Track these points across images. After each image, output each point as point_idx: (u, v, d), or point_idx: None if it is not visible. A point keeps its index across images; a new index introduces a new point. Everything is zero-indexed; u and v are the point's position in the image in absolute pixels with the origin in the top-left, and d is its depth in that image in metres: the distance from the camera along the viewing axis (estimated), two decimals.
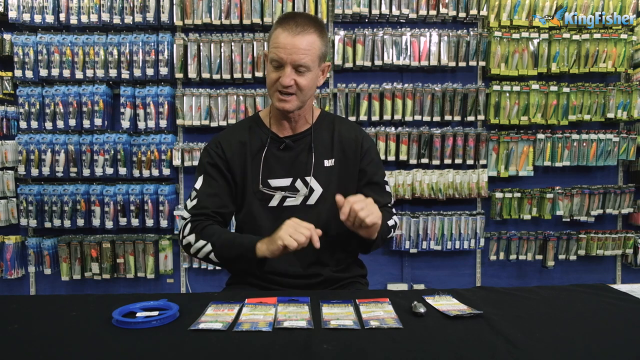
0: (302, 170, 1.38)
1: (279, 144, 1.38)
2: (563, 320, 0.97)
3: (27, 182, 3.01)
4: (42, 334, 0.89)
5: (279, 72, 1.28)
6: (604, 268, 3.23)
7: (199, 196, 1.37)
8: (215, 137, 1.43)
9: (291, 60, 1.26)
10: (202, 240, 1.30)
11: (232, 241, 1.28)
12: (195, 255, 1.33)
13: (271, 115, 1.42)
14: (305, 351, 0.80)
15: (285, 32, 1.26)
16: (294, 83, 1.27)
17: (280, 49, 1.26)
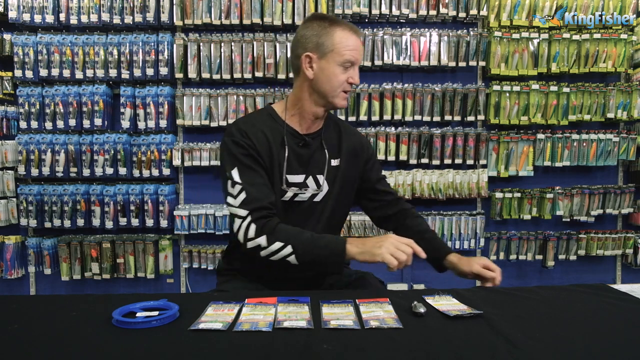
0: (316, 168, 1.41)
1: (298, 141, 1.40)
2: (563, 320, 0.97)
3: (27, 182, 3.01)
4: (42, 334, 0.89)
5: (347, 72, 1.34)
6: (604, 268, 3.23)
7: (246, 188, 1.28)
8: (236, 127, 1.35)
9: (360, 61, 1.37)
10: (278, 242, 1.23)
11: (316, 242, 1.24)
12: (267, 257, 1.25)
13: (294, 113, 1.41)
14: (305, 351, 0.80)
15: (351, 33, 1.33)
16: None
17: (354, 51, 1.33)
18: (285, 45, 2.93)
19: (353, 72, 1.35)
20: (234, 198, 1.29)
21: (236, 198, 1.28)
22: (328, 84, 1.34)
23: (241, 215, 1.27)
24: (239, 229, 1.27)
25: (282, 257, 1.24)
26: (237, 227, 1.27)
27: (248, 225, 1.26)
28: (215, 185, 3.09)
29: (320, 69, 1.34)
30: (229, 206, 1.30)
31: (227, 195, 1.31)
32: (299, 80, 1.39)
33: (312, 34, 1.34)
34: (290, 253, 1.23)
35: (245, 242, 1.26)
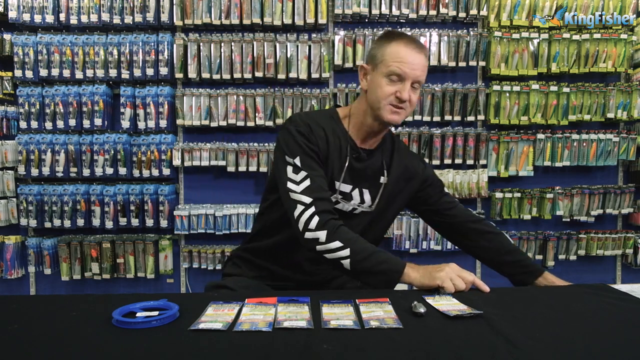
0: (364, 182, 1.39)
1: (353, 152, 1.37)
2: (563, 320, 0.97)
3: (27, 182, 3.01)
4: (42, 334, 0.89)
5: (395, 85, 1.29)
6: (604, 268, 3.23)
7: (311, 176, 1.25)
8: (301, 119, 1.33)
9: (413, 76, 1.29)
10: (338, 242, 1.20)
11: (376, 255, 1.20)
12: (321, 254, 1.21)
13: (354, 123, 1.39)
14: (305, 351, 0.80)
15: (408, 48, 1.29)
16: (409, 98, 1.31)
17: (404, 64, 1.28)
18: (285, 45, 2.93)
19: (402, 87, 1.29)
20: (296, 184, 1.25)
21: (299, 184, 1.25)
22: (374, 94, 1.31)
23: (304, 202, 1.23)
24: (300, 215, 1.22)
25: (336, 258, 1.20)
26: (299, 213, 1.23)
27: (312, 216, 1.22)
28: (215, 185, 3.09)
29: (372, 81, 1.33)
30: (290, 192, 1.25)
31: (288, 181, 1.27)
32: (361, 91, 1.40)
33: (373, 47, 1.35)
34: (347, 257, 1.20)
35: (304, 231, 1.22)
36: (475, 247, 1.48)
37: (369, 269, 1.20)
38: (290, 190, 1.25)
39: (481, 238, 1.46)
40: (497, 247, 1.43)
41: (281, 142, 1.32)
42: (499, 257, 1.42)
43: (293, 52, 2.93)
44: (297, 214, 1.23)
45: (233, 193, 3.09)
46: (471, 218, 1.49)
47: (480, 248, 1.47)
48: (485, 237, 1.46)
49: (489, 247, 1.44)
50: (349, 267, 1.20)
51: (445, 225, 1.52)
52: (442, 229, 1.55)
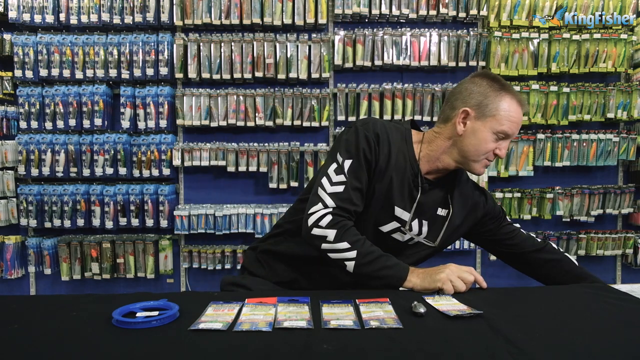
0: (423, 212, 1.34)
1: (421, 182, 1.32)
2: (563, 320, 0.97)
3: (27, 182, 3.01)
4: (42, 334, 0.89)
5: (497, 142, 1.27)
6: (604, 268, 3.23)
7: (348, 185, 1.22)
8: (374, 126, 1.27)
9: (514, 135, 1.29)
10: (345, 242, 1.18)
11: (381, 260, 1.19)
12: (326, 252, 1.20)
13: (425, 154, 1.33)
14: (305, 351, 0.80)
15: (518, 105, 1.27)
16: None
17: (514, 124, 1.26)
18: (285, 45, 2.93)
19: (503, 144, 1.27)
20: (330, 184, 1.23)
21: (332, 186, 1.23)
22: (474, 147, 1.26)
23: (327, 204, 1.21)
24: (314, 212, 1.21)
25: (341, 259, 1.19)
26: (314, 210, 1.21)
27: (325, 215, 1.20)
28: (215, 185, 3.09)
29: (473, 130, 1.26)
30: (320, 188, 1.23)
31: (325, 176, 1.24)
32: (446, 129, 1.32)
33: (479, 92, 1.27)
34: (352, 259, 1.18)
35: (313, 226, 1.20)
36: (539, 276, 1.44)
37: (371, 274, 1.19)
38: (321, 186, 1.23)
39: (543, 267, 1.42)
40: (561, 273, 1.39)
41: (343, 138, 1.28)
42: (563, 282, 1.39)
43: (293, 52, 2.93)
44: (313, 210, 1.21)
45: (233, 193, 3.09)
46: (532, 247, 1.43)
47: (544, 276, 1.43)
48: (547, 265, 1.41)
49: (553, 275, 1.41)
50: (352, 269, 1.19)
51: (507, 254, 1.48)
52: (504, 258, 1.51)
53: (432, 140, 1.33)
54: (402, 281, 1.18)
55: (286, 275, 1.37)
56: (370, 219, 1.30)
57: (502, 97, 1.25)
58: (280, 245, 1.39)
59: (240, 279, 1.40)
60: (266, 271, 1.39)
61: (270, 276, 1.38)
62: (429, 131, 1.37)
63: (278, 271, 1.38)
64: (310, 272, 1.34)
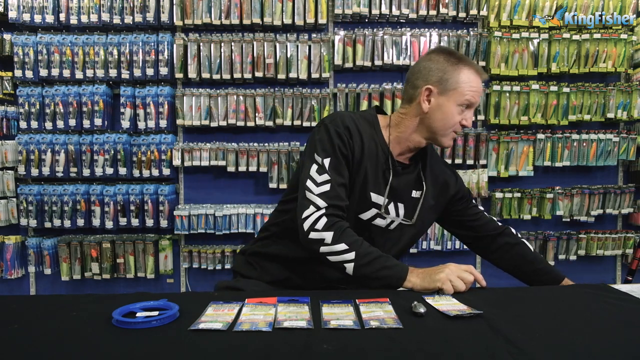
0: (397, 195, 1.36)
1: (393, 165, 1.35)
2: (563, 320, 0.97)
3: (27, 182, 3.01)
4: (42, 334, 0.89)
5: (463, 114, 1.30)
6: (604, 268, 3.23)
7: (333, 182, 1.23)
8: (342, 120, 1.29)
9: (477, 104, 1.32)
10: (343, 244, 1.19)
11: (380, 260, 1.19)
12: (324, 255, 1.20)
13: (395, 136, 1.36)
14: (305, 351, 0.80)
15: (477, 75, 1.30)
16: None
17: (476, 93, 1.30)
18: (285, 45, 2.93)
19: (468, 114, 1.31)
20: (316, 185, 1.23)
21: (319, 186, 1.23)
22: (442, 122, 1.30)
23: (318, 205, 1.22)
24: (308, 216, 1.21)
25: (340, 261, 1.19)
26: (308, 214, 1.21)
27: (320, 217, 1.21)
28: (215, 185, 3.10)
29: (438, 105, 1.29)
30: (307, 190, 1.24)
31: (309, 179, 1.24)
32: (411, 109, 1.34)
33: (438, 68, 1.29)
34: (351, 260, 1.18)
35: (309, 231, 1.20)
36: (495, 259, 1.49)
37: (370, 275, 1.19)
38: (307, 189, 1.24)
39: (500, 250, 1.47)
40: (516, 258, 1.44)
41: (316, 138, 1.28)
42: (518, 268, 1.43)
43: (293, 52, 2.93)
44: (307, 214, 1.22)
45: (233, 193, 3.09)
46: (493, 230, 1.48)
47: (499, 259, 1.48)
48: (503, 248, 1.46)
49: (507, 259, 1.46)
50: (351, 271, 1.19)
51: (468, 237, 1.52)
52: (465, 240, 1.54)
53: (400, 122, 1.36)
54: (401, 281, 1.18)
55: (278, 274, 1.38)
56: (350, 209, 1.31)
57: (460, 69, 1.28)
58: (269, 248, 1.41)
59: (234, 283, 1.41)
60: (258, 272, 1.40)
61: (262, 276, 1.39)
62: (394, 114, 1.39)
63: (270, 270, 1.39)
64: (303, 271, 1.35)
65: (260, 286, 1.36)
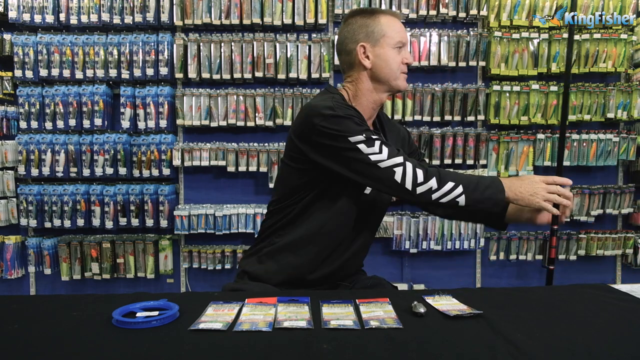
0: None
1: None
2: (563, 320, 0.97)
3: (27, 182, 3.01)
4: (42, 334, 0.89)
5: (401, 54, 1.37)
6: (604, 268, 3.23)
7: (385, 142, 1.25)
8: (336, 104, 1.29)
9: (408, 40, 1.41)
10: (449, 182, 1.22)
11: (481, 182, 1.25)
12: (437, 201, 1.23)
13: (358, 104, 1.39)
14: (305, 351, 0.80)
15: (395, 18, 1.39)
16: None
17: (402, 32, 1.37)
18: (285, 45, 2.93)
19: (405, 53, 1.38)
20: (379, 154, 1.23)
21: (382, 152, 1.23)
22: (387, 68, 1.36)
23: (399, 163, 1.22)
24: (403, 177, 1.21)
25: (453, 198, 1.22)
26: (402, 175, 1.21)
27: (414, 171, 1.22)
28: (215, 186, 3.10)
29: (377, 56, 1.35)
30: (378, 164, 1.22)
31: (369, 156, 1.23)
32: (355, 73, 1.39)
33: (359, 25, 1.37)
34: (461, 193, 1.22)
35: (415, 187, 1.21)
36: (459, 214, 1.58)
37: (480, 199, 1.24)
38: (377, 163, 1.23)
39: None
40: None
41: (333, 128, 1.25)
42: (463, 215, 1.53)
43: (293, 52, 2.93)
44: (400, 177, 1.22)
45: (233, 193, 3.09)
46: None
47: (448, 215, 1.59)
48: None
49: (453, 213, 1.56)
50: (464, 202, 1.23)
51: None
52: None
53: (356, 90, 1.40)
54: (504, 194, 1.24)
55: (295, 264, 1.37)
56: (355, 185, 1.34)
57: (378, 18, 1.37)
58: (284, 238, 1.39)
59: (242, 285, 1.39)
60: (270, 268, 1.38)
61: (275, 271, 1.38)
62: (345, 87, 1.43)
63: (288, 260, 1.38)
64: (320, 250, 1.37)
65: (267, 288, 1.35)
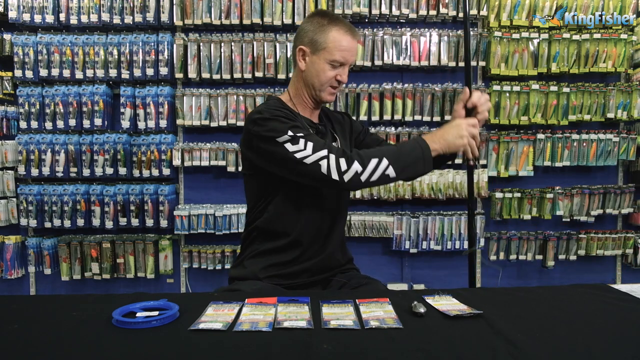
0: None
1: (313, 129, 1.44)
2: (563, 320, 0.97)
3: (27, 182, 3.00)
4: (42, 334, 0.89)
5: (336, 70, 1.40)
6: (604, 268, 3.23)
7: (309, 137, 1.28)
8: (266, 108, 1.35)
9: (351, 61, 1.42)
10: (372, 159, 1.24)
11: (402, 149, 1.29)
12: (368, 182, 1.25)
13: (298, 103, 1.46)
14: (305, 351, 0.80)
15: (347, 35, 1.39)
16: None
17: (346, 52, 1.38)
18: (285, 45, 2.93)
19: (342, 71, 1.40)
20: (304, 150, 1.26)
21: (306, 149, 1.26)
22: (316, 78, 1.40)
23: (323, 155, 1.25)
24: (329, 168, 1.24)
25: (382, 173, 1.25)
26: (327, 167, 1.24)
27: (337, 161, 1.24)
28: (215, 186, 3.09)
29: (311, 63, 1.40)
30: (304, 160, 1.25)
31: (295, 154, 1.26)
32: (296, 71, 1.47)
33: (310, 29, 1.40)
34: (387, 165, 1.25)
35: (342, 176, 1.24)
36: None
37: (407, 164, 1.27)
38: (303, 159, 1.25)
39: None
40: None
41: (262, 131, 1.30)
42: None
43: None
44: (325, 170, 1.24)
45: (233, 193, 3.09)
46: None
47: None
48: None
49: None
50: (394, 173, 1.26)
51: None
52: None
53: (296, 88, 1.46)
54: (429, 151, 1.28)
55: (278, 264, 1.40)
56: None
57: (329, 30, 1.38)
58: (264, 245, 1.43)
59: (234, 286, 1.41)
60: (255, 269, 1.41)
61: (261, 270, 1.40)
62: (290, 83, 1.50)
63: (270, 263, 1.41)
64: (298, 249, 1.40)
65: (257, 285, 1.37)
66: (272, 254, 1.41)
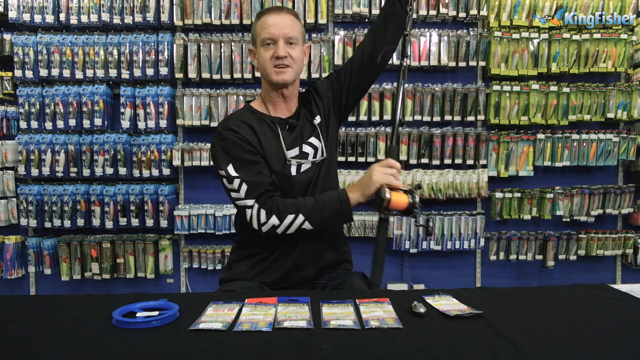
0: (306, 138, 1.48)
1: (283, 125, 1.46)
2: (563, 320, 0.97)
3: (27, 182, 3.00)
4: (42, 334, 0.89)
5: (271, 49, 1.41)
6: (604, 268, 3.23)
7: (244, 179, 1.34)
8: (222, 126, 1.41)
9: (283, 34, 1.39)
10: (289, 215, 1.31)
11: (321, 202, 1.34)
12: (284, 233, 1.33)
13: (267, 102, 1.50)
14: (305, 351, 0.80)
15: (270, 15, 1.42)
16: (288, 55, 1.40)
17: (271, 27, 1.39)
18: None
19: (276, 47, 1.40)
20: (237, 192, 1.35)
21: (239, 191, 1.34)
22: (262, 66, 1.45)
23: (250, 205, 1.33)
24: (251, 218, 1.33)
25: (298, 227, 1.32)
26: (249, 216, 1.34)
27: (258, 212, 1.33)
28: (215, 186, 3.09)
29: (257, 58, 1.47)
30: (236, 201, 1.36)
31: (230, 191, 1.36)
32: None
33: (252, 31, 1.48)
34: (303, 221, 1.32)
35: (260, 227, 1.33)
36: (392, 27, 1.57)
37: (325, 217, 1.33)
38: (235, 200, 1.36)
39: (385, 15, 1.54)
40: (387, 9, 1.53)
41: (213, 158, 1.41)
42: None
43: None
44: (249, 217, 1.34)
45: None
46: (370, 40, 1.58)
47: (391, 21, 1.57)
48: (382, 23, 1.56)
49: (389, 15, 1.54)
50: (311, 226, 1.32)
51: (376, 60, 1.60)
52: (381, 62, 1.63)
53: (263, 90, 1.52)
54: (348, 202, 1.32)
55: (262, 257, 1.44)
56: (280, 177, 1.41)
57: (257, 21, 1.45)
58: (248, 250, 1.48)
59: (223, 288, 1.44)
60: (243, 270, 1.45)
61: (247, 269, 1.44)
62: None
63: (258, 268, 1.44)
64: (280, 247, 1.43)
65: (244, 284, 1.40)
66: (254, 256, 1.46)
